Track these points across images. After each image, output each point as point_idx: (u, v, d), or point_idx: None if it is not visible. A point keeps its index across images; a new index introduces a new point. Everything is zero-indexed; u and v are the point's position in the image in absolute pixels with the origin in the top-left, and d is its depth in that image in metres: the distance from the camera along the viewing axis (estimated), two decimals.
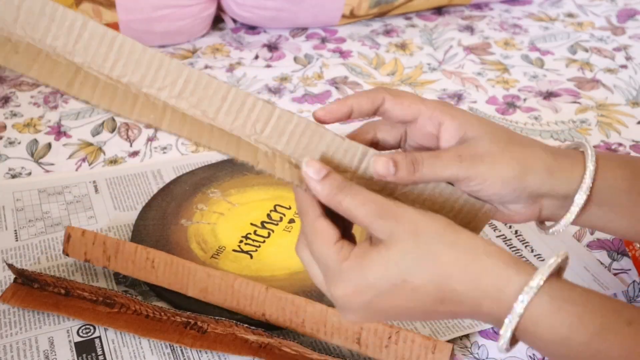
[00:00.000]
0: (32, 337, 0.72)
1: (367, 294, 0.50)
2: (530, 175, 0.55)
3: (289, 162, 0.54)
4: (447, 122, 0.56)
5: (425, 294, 0.49)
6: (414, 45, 1.28)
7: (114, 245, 0.75)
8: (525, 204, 0.57)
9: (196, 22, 1.25)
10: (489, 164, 0.54)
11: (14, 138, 1.03)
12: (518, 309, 0.46)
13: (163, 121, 0.52)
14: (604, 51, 1.26)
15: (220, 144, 0.52)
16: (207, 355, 0.70)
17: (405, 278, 0.49)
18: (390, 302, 0.50)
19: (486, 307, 0.48)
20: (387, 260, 0.49)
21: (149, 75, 0.51)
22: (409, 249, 0.49)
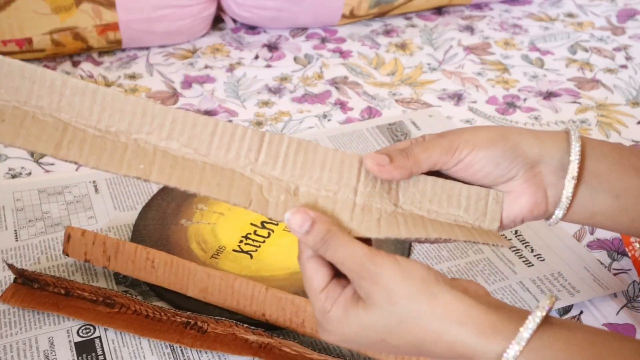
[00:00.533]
0: (32, 337, 0.72)
1: (351, 344, 0.53)
2: (514, 135, 0.56)
3: (287, 190, 0.53)
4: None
5: (405, 350, 0.52)
6: (414, 45, 1.28)
7: (114, 245, 0.75)
8: (524, 177, 0.57)
9: (196, 22, 1.25)
10: (470, 132, 0.56)
11: None
12: None
13: (152, 170, 0.51)
14: (604, 51, 1.26)
15: (211, 187, 0.52)
16: (207, 355, 0.70)
17: (383, 338, 0.51)
18: (376, 349, 0.53)
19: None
20: (363, 323, 0.51)
21: (135, 121, 0.52)
22: (383, 318, 0.50)
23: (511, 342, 0.47)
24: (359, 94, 1.14)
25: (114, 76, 1.18)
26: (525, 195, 0.57)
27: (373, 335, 0.51)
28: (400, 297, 0.50)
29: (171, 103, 1.11)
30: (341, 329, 0.52)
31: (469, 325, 0.48)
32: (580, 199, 0.57)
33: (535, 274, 0.80)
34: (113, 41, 1.20)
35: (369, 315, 0.51)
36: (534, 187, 0.57)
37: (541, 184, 0.57)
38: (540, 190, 0.57)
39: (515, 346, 0.47)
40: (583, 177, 0.57)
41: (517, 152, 0.56)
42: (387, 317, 0.50)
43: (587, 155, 0.57)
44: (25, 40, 1.14)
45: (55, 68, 1.19)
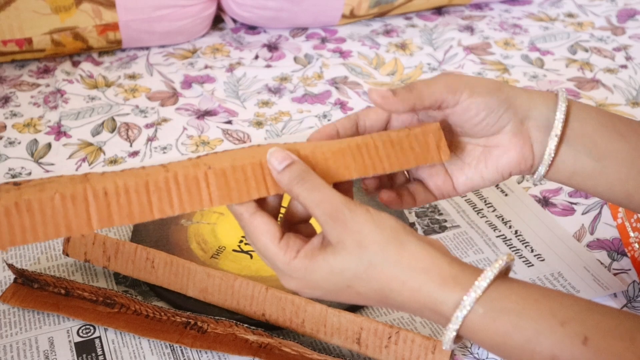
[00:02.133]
0: (32, 337, 0.72)
1: (316, 291, 0.54)
2: (508, 89, 0.59)
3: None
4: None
5: (368, 297, 0.53)
6: (414, 45, 1.28)
7: (114, 245, 0.75)
8: (512, 131, 0.59)
9: (196, 22, 1.25)
10: (468, 78, 0.58)
11: (14, 138, 1.03)
12: (453, 326, 0.50)
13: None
14: (604, 51, 1.26)
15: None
16: (207, 355, 0.70)
17: (349, 285, 0.52)
18: (340, 297, 0.54)
19: (427, 315, 0.52)
20: (332, 267, 0.52)
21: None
22: (352, 262, 0.51)
23: (469, 291, 0.49)
24: (359, 94, 1.14)
25: (114, 76, 1.18)
26: (513, 150, 0.60)
27: (340, 281, 0.52)
28: (371, 242, 0.51)
29: (171, 103, 1.11)
30: (308, 275, 0.52)
31: (432, 274, 0.51)
32: (562, 157, 0.60)
33: (535, 274, 0.80)
34: (113, 41, 1.20)
35: (337, 259, 0.52)
36: (522, 141, 0.60)
37: (528, 139, 0.60)
38: (527, 145, 0.60)
39: (472, 294, 0.49)
40: (566, 136, 0.59)
41: (510, 104, 0.59)
42: (356, 262, 0.51)
43: (572, 116, 0.59)
44: (25, 40, 1.14)
45: (55, 68, 1.19)
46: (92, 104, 1.11)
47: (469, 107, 0.58)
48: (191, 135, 1.04)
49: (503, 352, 0.50)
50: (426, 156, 0.59)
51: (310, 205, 0.52)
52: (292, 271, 0.53)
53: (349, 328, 0.68)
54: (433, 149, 0.59)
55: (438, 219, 0.88)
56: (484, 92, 0.58)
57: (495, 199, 0.91)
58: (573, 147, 0.59)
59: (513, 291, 0.50)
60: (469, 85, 0.58)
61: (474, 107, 0.58)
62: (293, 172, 0.53)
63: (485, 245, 0.84)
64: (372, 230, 0.51)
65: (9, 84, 1.16)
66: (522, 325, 0.49)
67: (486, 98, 0.58)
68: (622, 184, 0.59)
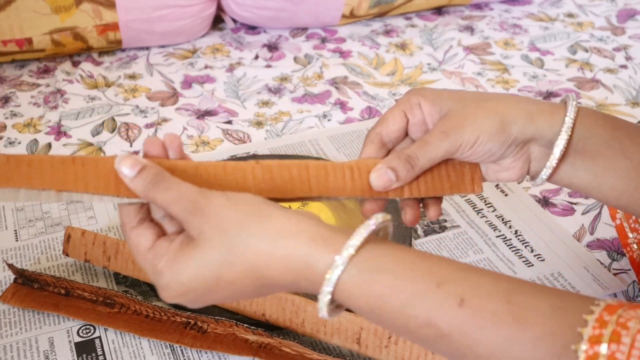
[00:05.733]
0: (32, 337, 0.72)
1: (188, 295, 0.50)
2: (512, 125, 0.57)
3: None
4: (422, 102, 0.60)
5: (243, 285, 0.50)
6: (414, 45, 1.28)
7: (114, 245, 0.75)
8: (514, 156, 0.59)
9: (196, 22, 1.25)
10: (471, 127, 0.57)
11: (14, 138, 1.03)
12: (327, 287, 0.47)
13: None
14: (603, 51, 1.26)
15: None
16: (207, 355, 0.70)
17: (218, 275, 0.49)
18: (214, 296, 0.51)
19: (303, 285, 0.49)
20: (196, 261, 0.49)
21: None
22: (215, 250, 0.49)
23: (341, 250, 0.47)
24: (359, 94, 1.14)
25: (114, 76, 1.18)
26: (513, 170, 0.60)
27: (208, 275, 0.49)
28: (230, 223, 0.49)
29: (171, 103, 1.11)
30: (175, 278, 0.50)
31: (300, 239, 0.48)
32: (560, 172, 0.60)
33: (535, 274, 0.80)
34: (113, 41, 1.20)
35: (200, 252, 0.49)
36: (522, 163, 0.60)
37: (528, 159, 0.60)
38: (527, 165, 0.60)
39: (344, 252, 0.47)
40: (568, 153, 0.59)
41: (513, 139, 0.58)
42: (219, 249, 0.49)
43: (576, 134, 0.58)
44: (25, 40, 1.14)
45: (55, 68, 1.19)
46: (92, 104, 1.11)
47: (471, 155, 0.58)
48: (191, 135, 1.04)
49: (380, 317, 0.48)
50: (460, 186, 0.59)
51: (167, 206, 0.50)
52: (161, 277, 0.50)
53: (349, 328, 0.68)
54: (468, 181, 0.60)
55: (438, 219, 0.88)
56: (486, 139, 0.57)
57: (495, 199, 0.91)
58: (572, 165, 0.59)
59: (388, 252, 0.48)
60: (470, 140, 0.57)
61: (476, 154, 0.58)
62: (146, 177, 0.50)
63: (485, 245, 0.84)
64: (230, 211, 0.49)
65: (9, 84, 1.16)
66: (398, 286, 0.47)
67: (488, 145, 0.57)
68: (615, 198, 0.60)
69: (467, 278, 0.47)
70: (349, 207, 0.86)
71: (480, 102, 0.58)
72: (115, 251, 0.75)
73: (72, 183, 0.50)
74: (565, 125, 0.57)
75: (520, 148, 0.59)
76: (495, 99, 0.59)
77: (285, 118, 1.08)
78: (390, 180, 0.56)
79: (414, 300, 0.46)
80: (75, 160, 0.51)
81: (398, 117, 0.60)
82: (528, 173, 0.61)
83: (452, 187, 0.59)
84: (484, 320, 0.45)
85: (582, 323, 0.42)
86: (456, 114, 0.58)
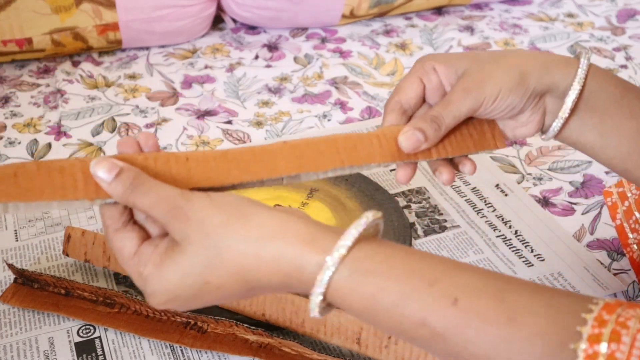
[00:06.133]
0: (32, 337, 0.72)
1: (176, 301, 0.49)
2: (530, 76, 0.59)
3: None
4: (437, 66, 0.61)
5: (231, 289, 0.48)
6: (414, 45, 1.28)
7: None
8: (532, 109, 0.60)
9: (196, 22, 1.25)
10: (491, 82, 0.58)
11: (14, 138, 1.03)
12: (318, 289, 0.46)
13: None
14: (603, 51, 1.26)
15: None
16: (207, 355, 0.70)
17: (206, 280, 0.48)
18: (204, 300, 0.49)
19: (294, 286, 0.48)
20: (182, 269, 0.48)
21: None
22: (201, 252, 0.47)
23: (332, 251, 0.46)
24: (359, 94, 1.14)
25: (114, 76, 1.18)
26: (531, 124, 0.61)
27: (195, 281, 0.48)
28: (214, 226, 0.47)
29: (171, 103, 1.11)
30: (162, 285, 0.48)
31: (287, 238, 0.47)
32: (569, 128, 0.61)
33: (535, 274, 0.80)
34: (113, 41, 1.20)
35: (185, 257, 0.48)
36: (539, 116, 0.61)
37: (544, 112, 0.61)
38: (543, 118, 0.61)
39: (335, 254, 0.46)
40: (579, 107, 0.60)
41: (532, 91, 0.59)
42: (204, 252, 0.47)
43: (589, 89, 0.59)
44: (25, 40, 1.14)
45: (55, 68, 1.19)
46: (92, 104, 1.11)
47: (493, 110, 0.59)
48: (191, 135, 1.04)
49: (373, 317, 0.47)
50: (483, 143, 0.61)
51: (148, 210, 0.48)
52: (147, 284, 0.49)
53: (349, 328, 0.68)
54: (489, 138, 0.61)
55: (438, 219, 0.88)
56: (507, 93, 0.58)
57: (495, 199, 0.91)
58: (581, 120, 0.60)
59: (380, 251, 0.47)
60: (493, 94, 0.58)
61: (498, 109, 0.59)
62: (124, 182, 0.48)
63: (485, 245, 0.84)
64: (213, 214, 0.48)
65: (9, 84, 1.16)
66: (389, 287, 0.46)
67: (509, 99, 0.58)
68: (621, 160, 0.60)
69: (460, 277, 0.46)
70: (349, 207, 0.86)
71: (497, 59, 0.60)
72: None
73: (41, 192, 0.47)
74: (577, 76, 0.59)
75: (537, 100, 0.60)
76: (511, 54, 0.61)
77: (285, 118, 1.08)
78: (419, 140, 0.57)
79: (406, 301, 0.46)
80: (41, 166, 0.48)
81: (415, 83, 0.61)
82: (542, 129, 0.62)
83: (475, 145, 0.61)
84: (478, 320, 0.44)
85: (580, 322, 0.42)
86: (475, 72, 0.59)
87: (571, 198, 0.91)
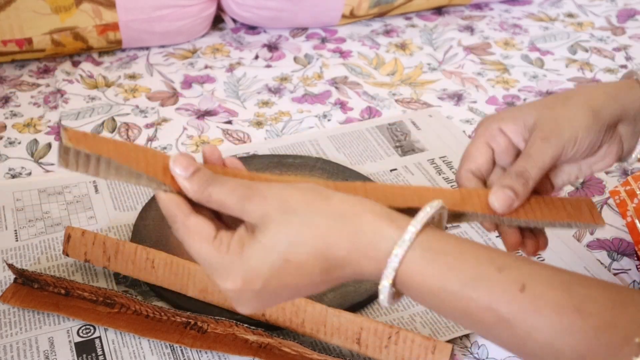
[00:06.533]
0: (32, 337, 0.72)
1: (255, 283, 0.49)
2: (602, 111, 0.58)
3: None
4: (504, 126, 0.59)
5: (311, 267, 0.49)
6: (414, 45, 1.28)
7: (113, 245, 0.75)
8: (608, 141, 0.60)
9: (196, 22, 1.25)
10: (568, 126, 0.57)
11: (14, 138, 1.03)
12: (392, 263, 0.47)
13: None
14: (603, 51, 1.26)
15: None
16: (207, 355, 0.70)
17: (287, 258, 0.49)
18: (280, 284, 0.50)
19: (366, 265, 0.49)
20: (264, 245, 0.49)
21: None
22: (282, 229, 0.49)
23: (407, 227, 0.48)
24: (359, 94, 1.14)
25: (113, 76, 1.18)
26: (609, 156, 0.61)
27: (276, 258, 0.48)
28: (296, 204, 0.49)
29: (171, 103, 1.11)
30: (244, 265, 0.49)
31: (366, 214, 0.49)
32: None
33: None
34: (113, 41, 1.20)
35: (267, 235, 0.49)
36: (615, 147, 0.60)
37: (620, 141, 0.60)
38: (620, 148, 0.61)
39: (410, 228, 0.48)
40: None
41: (608, 125, 0.58)
42: (286, 229, 0.48)
43: None
44: (25, 40, 1.14)
45: (55, 68, 1.19)
46: (92, 104, 1.11)
47: (576, 153, 0.59)
48: (191, 135, 1.04)
49: (439, 300, 0.48)
50: (579, 216, 0.59)
51: (224, 199, 0.50)
52: (227, 266, 0.49)
53: (349, 328, 0.68)
54: (586, 213, 0.60)
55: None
56: (585, 136, 0.58)
57: None
58: None
59: (448, 236, 0.49)
60: (571, 140, 0.57)
61: (580, 150, 0.59)
62: (201, 177, 0.51)
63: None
64: (293, 194, 0.50)
65: (9, 84, 1.16)
66: (459, 267, 0.47)
67: (587, 140, 0.58)
68: None
69: (528, 266, 0.47)
70: None
71: (564, 101, 0.59)
72: (115, 251, 0.75)
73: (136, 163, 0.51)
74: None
75: (613, 132, 0.60)
76: (577, 93, 0.60)
77: (285, 118, 1.08)
78: (510, 198, 0.56)
79: (474, 282, 0.47)
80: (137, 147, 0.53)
81: (483, 149, 0.60)
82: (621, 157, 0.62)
83: (569, 216, 0.59)
84: (545, 307, 0.45)
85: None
86: (547, 119, 0.58)
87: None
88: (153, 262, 0.74)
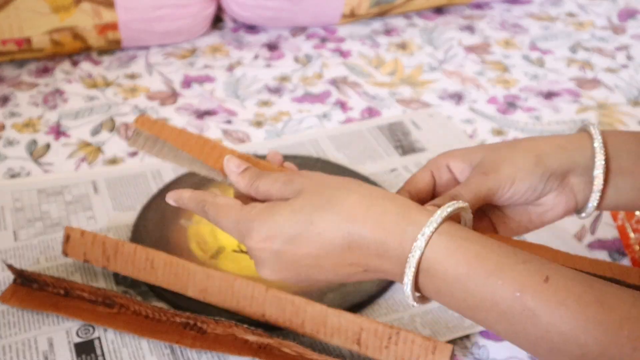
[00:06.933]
0: (31, 337, 0.72)
1: (276, 241, 0.53)
2: (546, 157, 0.59)
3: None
4: (452, 163, 0.62)
5: (332, 238, 0.51)
6: (414, 44, 1.28)
7: (113, 245, 0.75)
8: (556, 190, 0.60)
9: (196, 22, 1.25)
10: (507, 165, 0.58)
11: (13, 138, 1.03)
12: (420, 243, 0.49)
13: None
14: (604, 51, 1.26)
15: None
16: (207, 356, 0.70)
17: (311, 220, 0.52)
18: (300, 249, 0.53)
19: (391, 246, 0.50)
20: (292, 206, 0.53)
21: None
22: (314, 196, 0.53)
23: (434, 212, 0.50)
24: (359, 94, 1.14)
25: (113, 76, 1.17)
26: (559, 207, 0.61)
27: (301, 219, 0.52)
28: (330, 182, 0.54)
29: (171, 102, 1.11)
30: (268, 219, 0.53)
31: (394, 199, 0.52)
32: (606, 197, 0.61)
33: None
34: (112, 41, 1.20)
35: (298, 200, 0.53)
36: (565, 197, 0.61)
37: (572, 192, 0.61)
38: (571, 199, 0.61)
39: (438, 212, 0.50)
40: (608, 179, 0.60)
41: (550, 172, 0.59)
42: (317, 198, 0.53)
43: (611, 156, 0.59)
44: (25, 40, 1.14)
45: (54, 68, 1.19)
46: (91, 103, 1.10)
47: (512, 195, 0.59)
48: None
49: (465, 288, 0.49)
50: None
51: (269, 187, 0.56)
52: (254, 222, 0.54)
53: (349, 328, 0.67)
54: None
55: None
56: (525, 176, 0.58)
57: None
58: (615, 187, 0.60)
59: (472, 231, 0.51)
60: (510, 177, 0.58)
61: (518, 193, 0.59)
62: (252, 172, 0.59)
63: None
64: (330, 178, 0.55)
65: (8, 83, 1.15)
66: (486, 256, 0.48)
67: (527, 182, 0.59)
68: None
69: (548, 263, 0.48)
70: None
71: (512, 145, 0.60)
72: (115, 251, 0.75)
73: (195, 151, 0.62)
74: (597, 148, 0.59)
75: (561, 181, 0.60)
76: (525, 140, 0.61)
77: (285, 118, 1.08)
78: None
79: (500, 271, 0.47)
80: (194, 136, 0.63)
81: (427, 177, 0.62)
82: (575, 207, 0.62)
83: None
84: (568, 299, 0.46)
85: None
86: (490, 159, 0.60)
87: None
88: (152, 263, 0.74)
